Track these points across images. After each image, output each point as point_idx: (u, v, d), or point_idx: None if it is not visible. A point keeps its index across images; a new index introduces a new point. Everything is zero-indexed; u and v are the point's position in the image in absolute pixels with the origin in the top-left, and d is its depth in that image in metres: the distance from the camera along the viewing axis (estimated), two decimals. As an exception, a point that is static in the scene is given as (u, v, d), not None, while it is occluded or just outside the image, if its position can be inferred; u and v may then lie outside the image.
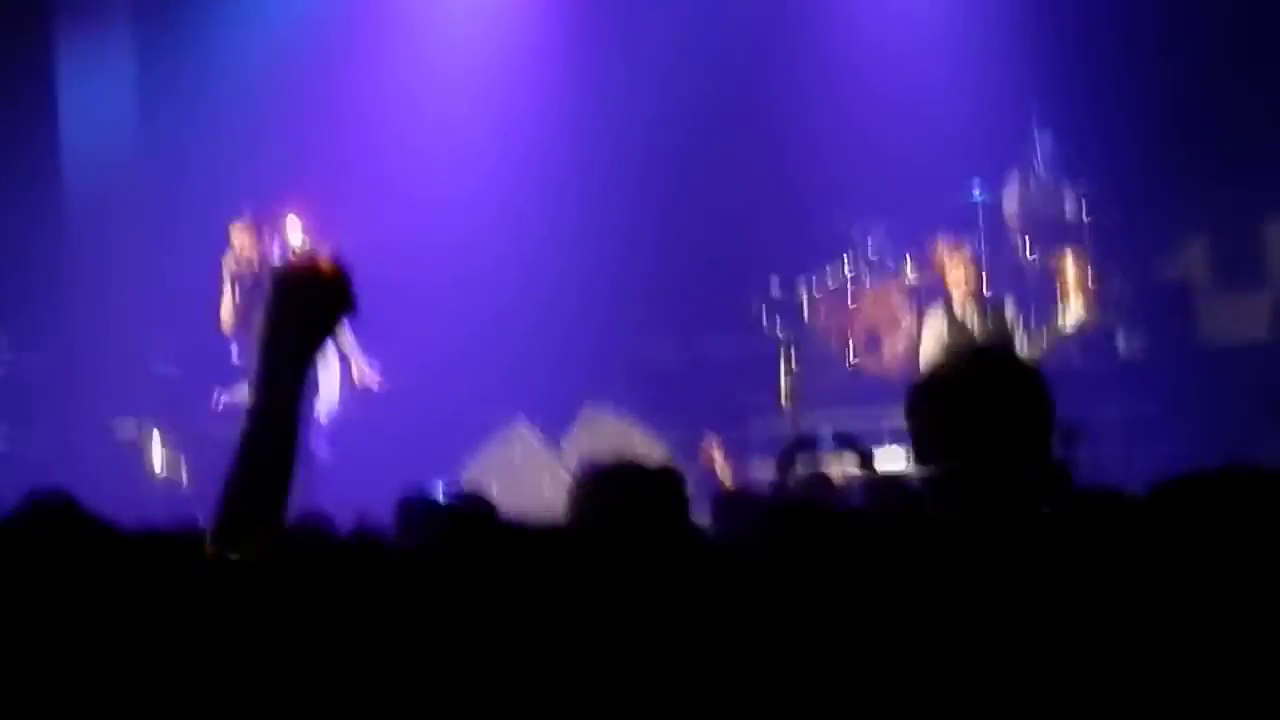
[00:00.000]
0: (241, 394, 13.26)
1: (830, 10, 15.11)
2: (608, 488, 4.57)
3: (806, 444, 7.93)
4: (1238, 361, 13.74)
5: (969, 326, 12.47)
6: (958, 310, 12.56)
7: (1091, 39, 14.08)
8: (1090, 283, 12.76)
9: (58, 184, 14.85)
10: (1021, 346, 12.15)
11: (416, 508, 5.77)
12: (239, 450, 3.46)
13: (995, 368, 3.76)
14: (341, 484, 11.20)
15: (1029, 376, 3.74)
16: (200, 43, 14.97)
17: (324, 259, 3.53)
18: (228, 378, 13.38)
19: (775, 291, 13.60)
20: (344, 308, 3.51)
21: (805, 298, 13.69)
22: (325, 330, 3.50)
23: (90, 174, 14.97)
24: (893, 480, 6.19)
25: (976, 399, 3.67)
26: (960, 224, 13.75)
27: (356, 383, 13.01)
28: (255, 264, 13.00)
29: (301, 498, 3.65)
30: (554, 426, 14.08)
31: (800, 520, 5.29)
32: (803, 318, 13.59)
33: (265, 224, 13.07)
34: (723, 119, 14.99)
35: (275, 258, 12.86)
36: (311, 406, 13.09)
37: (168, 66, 15.07)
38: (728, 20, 14.97)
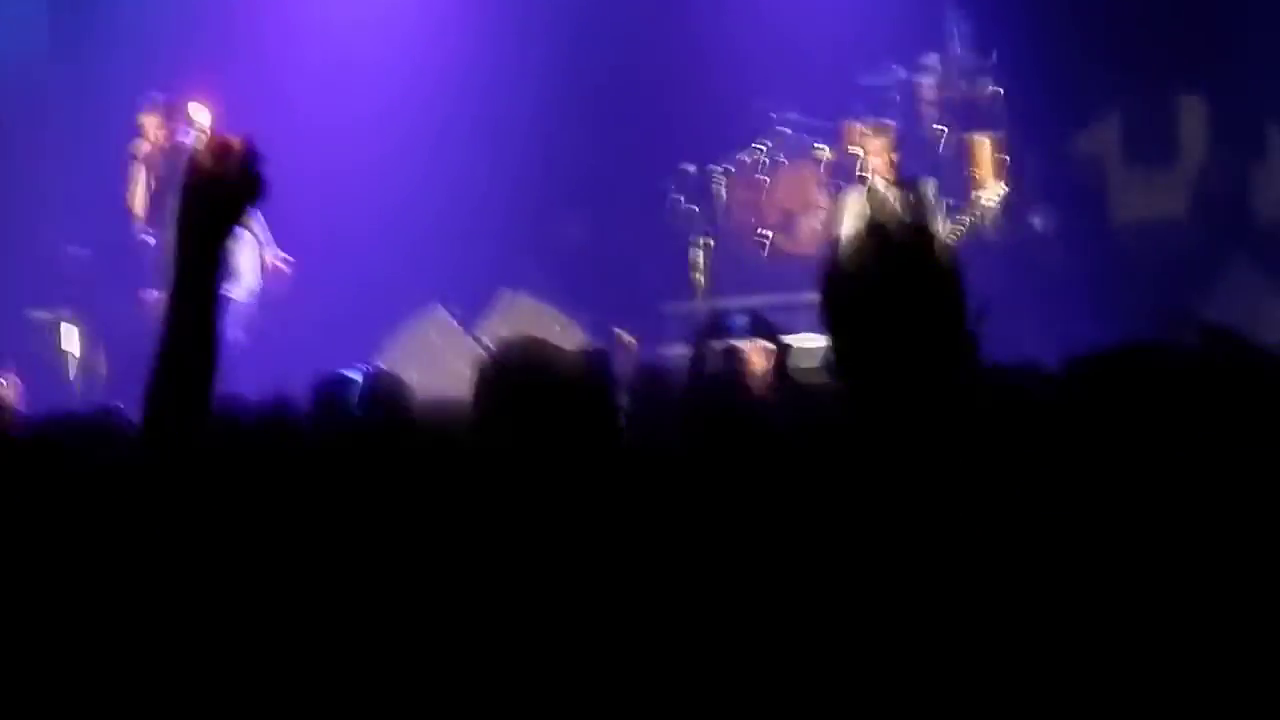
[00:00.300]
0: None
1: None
2: (520, 372, 4.57)
3: (720, 326, 7.95)
4: (1149, 238, 13.85)
5: (886, 206, 12.46)
6: (875, 190, 12.54)
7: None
8: (1005, 162, 12.83)
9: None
10: (940, 227, 12.17)
11: (333, 388, 5.79)
12: (160, 340, 3.44)
13: (908, 256, 3.74)
14: (259, 370, 11.16)
15: (942, 265, 3.73)
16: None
17: (234, 143, 3.48)
18: (144, 266, 13.33)
19: (689, 174, 13.60)
20: (254, 192, 3.50)
21: (720, 180, 13.71)
22: (235, 215, 3.48)
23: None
24: (802, 378, 6.21)
25: (889, 290, 3.65)
26: (876, 106, 13.79)
27: (266, 266, 13.00)
28: (166, 150, 12.96)
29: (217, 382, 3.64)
30: (471, 312, 14.09)
31: (712, 425, 5.32)
32: (718, 200, 13.61)
33: (175, 110, 13.03)
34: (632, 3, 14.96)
35: (186, 143, 12.82)
36: (227, 291, 13.04)
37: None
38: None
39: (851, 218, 12.45)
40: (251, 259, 13.09)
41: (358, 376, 6.13)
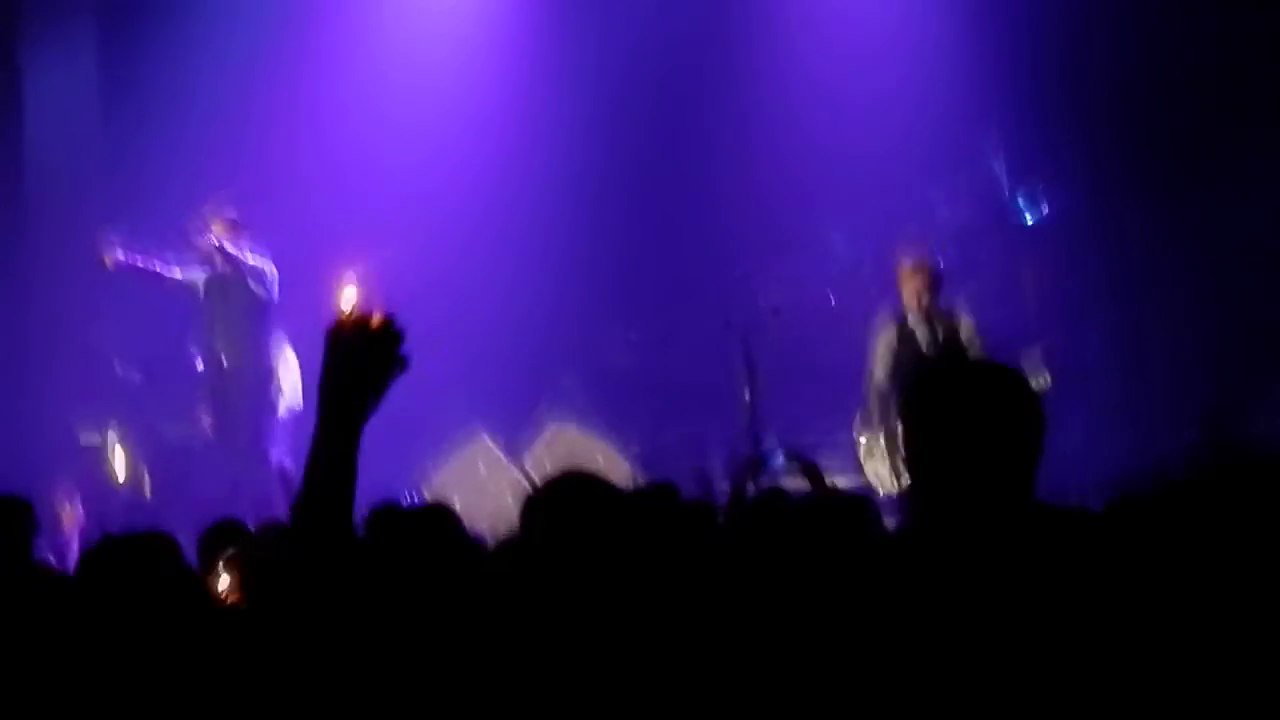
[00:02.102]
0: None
1: (793, 15, 15.18)
2: (564, 502, 4.65)
3: (759, 461, 8.03)
4: (1182, 368, 13.88)
5: (920, 338, 12.42)
6: (911, 321, 12.48)
7: (1048, 49, 14.27)
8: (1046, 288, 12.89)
9: (19, 185, 14.82)
10: (975, 355, 12.15)
11: (384, 515, 5.86)
12: (302, 495, 3.59)
13: (991, 379, 3.79)
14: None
15: (1025, 390, 3.78)
16: (164, 42, 14.90)
17: (377, 319, 3.60)
18: (191, 386, 13.45)
19: (737, 301, 13.66)
20: (396, 367, 3.62)
21: (767, 305, 13.74)
22: (378, 387, 3.61)
23: (52, 175, 14.93)
24: (841, 494, 6.27)
25: (973, 410, 3.72)
26: (920, 226, 13.92)
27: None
28: (221, 262, 13.13)
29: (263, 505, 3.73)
30: (517, 438, 14.15)
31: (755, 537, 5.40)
32: (763, 327, 13.65)
33: (238, 226, 13.16)
34: (683, 124, 15.10)
35: (244, 258, 13.00)
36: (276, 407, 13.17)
37: (131, 66, 14.99)
38: (691, 22, 15.05)
39: (884, 347, 12.44)
40: (292, 379, 13.21)
41: (407, 504, 6.21)
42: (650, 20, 15.04)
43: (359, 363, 3.57)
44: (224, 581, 6.16)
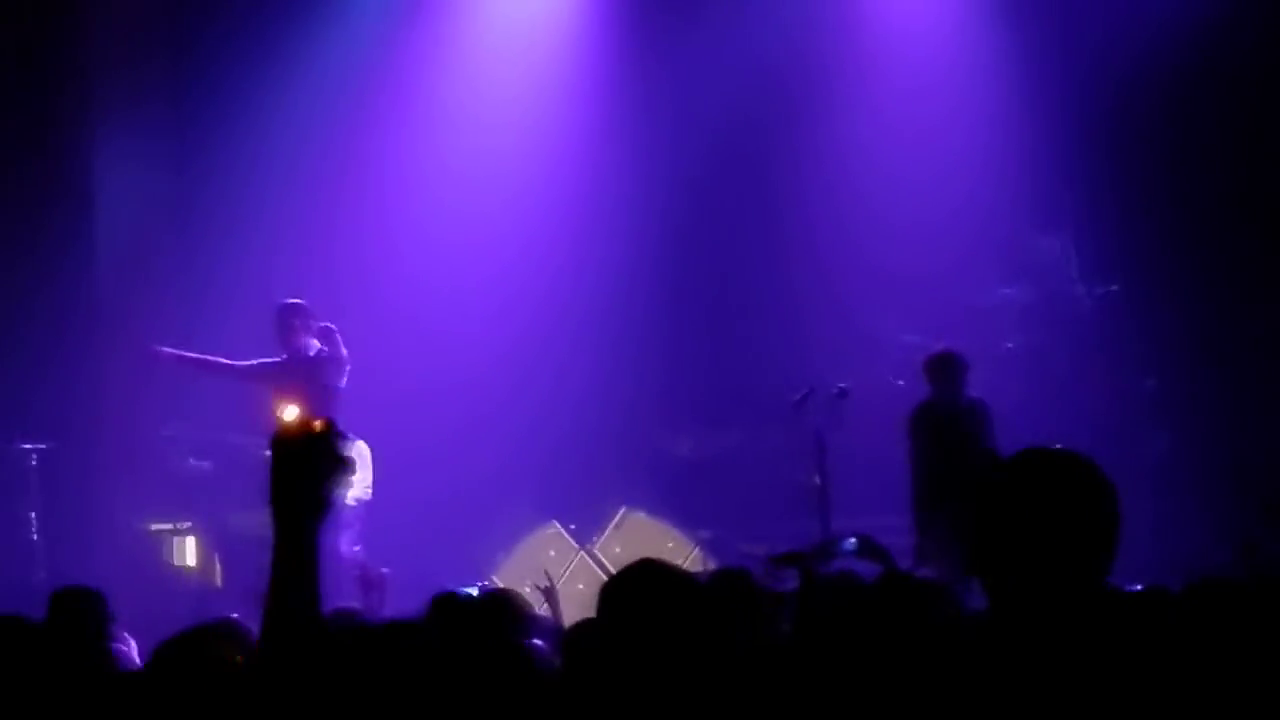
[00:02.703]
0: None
1: (860, 97, 15.25)
2: (636, 589, 4.65)
3: (830, 548, 8.00)
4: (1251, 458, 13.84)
5: (956, 428, 12.44)
6: (943, 411, 12.51)
7: (1112, 145, 14.33)
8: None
9: (92, 278, 14.89)
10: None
11: (448, 603, 5.87)
12: (267, 599, 3.71)
13: (1066, 468, 3.79)
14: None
15: (1098, 478, 3.78)
16: (237, 125, 15.01)
17: (317, 425, 3.76)
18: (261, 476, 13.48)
19: (804, 391, 13.66)
20: (341, 470, 3.76)
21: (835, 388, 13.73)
22: (325, 487, 3.73)
23: (123, 258, 14.99)
24: (914, 578, 6.25)
25: (1048, 497, 3.70)
26: (983, 319, 13.94)
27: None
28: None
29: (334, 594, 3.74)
30: (588, 527, 14.14)
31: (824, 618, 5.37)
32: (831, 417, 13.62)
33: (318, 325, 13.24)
34: (751, 208, 15.18)
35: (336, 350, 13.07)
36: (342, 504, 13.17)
37: (205, 151, 15.09)
38: (759, 103, 15.13)
39: (929, 437, 12.47)
40: (363, 469, 13.26)
41: (475, 592, 6.21)
42: (720, 104, 15.13)
43: (303, 466, 3.71)
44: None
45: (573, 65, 15.69)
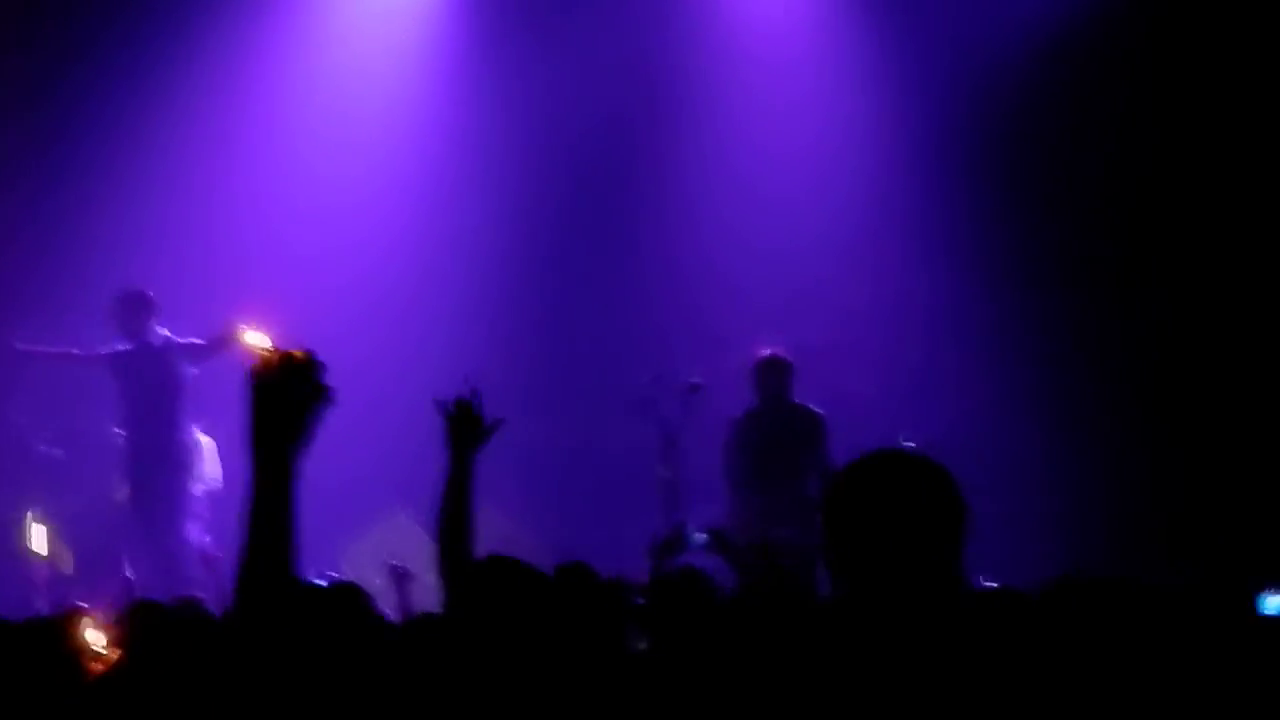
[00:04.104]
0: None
1: (722, 107, 15.34)
2: (488, 583, 4.71)
3: (679, 539, 8.05)
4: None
5: (769, 428, 12.63)
6: (759, 412, 12.76)
7: (964, 135, 14.54)
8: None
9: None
10: None
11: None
12: (243, 537, 3.65)
13: (906, 468, 3.84)
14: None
15: (944, 478, 3.85)
16: (91, 117, 14.88)
17: (298, 355, 3.66)
18: (111, 462, 13.43)
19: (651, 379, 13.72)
20: (322, 399, 3.64)
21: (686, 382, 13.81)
22: (307, 421, 3.63)
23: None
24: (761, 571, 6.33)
25: (895, 498, 3.75)
26: (842, 320, 14.07)
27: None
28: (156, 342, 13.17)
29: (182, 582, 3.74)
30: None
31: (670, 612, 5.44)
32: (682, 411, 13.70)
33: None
34: (608, 203, 15.26)
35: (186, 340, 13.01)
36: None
37: (64, 144, 14.98)
38: (624, 105, 15.18)
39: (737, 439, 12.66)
40: (211, 457, 13.24)
41: (322, 583, 6.22)
42: (583, 100, 15.15)
43: (285, 399, 3.60)
44: (93, 636, 6.07)
45: (430, 63, 15.67)
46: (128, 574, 12.50)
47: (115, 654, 5.78)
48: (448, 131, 15.44)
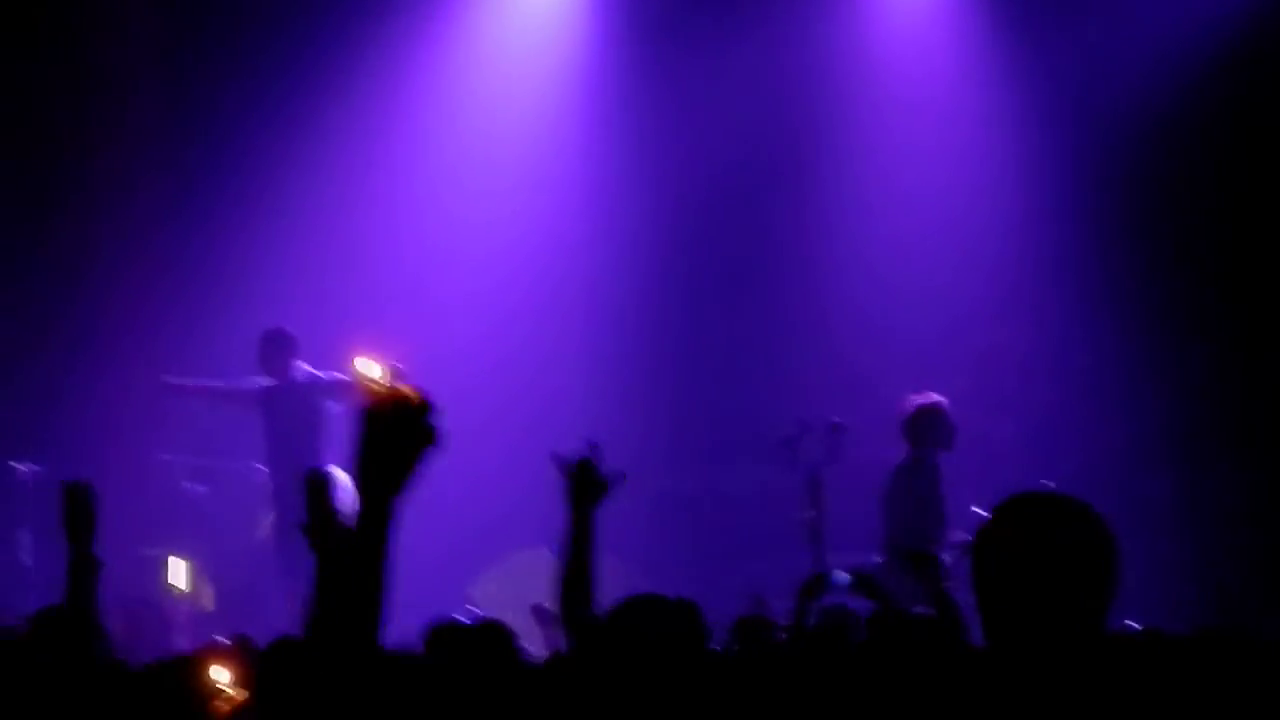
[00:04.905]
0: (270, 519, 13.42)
1: (865, 148, 15.31)
2: (620, 620, 4.70)
3: (823, 582, 8.00)
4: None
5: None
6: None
7: (1113, 187, 14.43)
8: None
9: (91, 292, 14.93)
10: None
11: (445, 632, 5.92)
12: (336, 575, 3.56)
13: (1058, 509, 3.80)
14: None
15: (1097, 521, 3.78)
16: (237, 139, 15.07)
17: (411, 394, 3.57)
18: (255, 498, 13.54)
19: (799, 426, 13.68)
20: (431, 440, 3.57)
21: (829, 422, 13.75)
22: (413, 463, 3.56)
23: (121, 280, 15.02)
24: (900, 614, 6.27)
25: (1047, 540, 3.70)
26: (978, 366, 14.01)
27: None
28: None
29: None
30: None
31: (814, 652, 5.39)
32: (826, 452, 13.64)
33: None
34: (749, 247, 15.27)
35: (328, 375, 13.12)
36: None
37: (209, 161, 15.19)
38: (767, 149, 15.19)
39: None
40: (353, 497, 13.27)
41: (467, 621, 6.23)
42: (725, 137, 15.17)
43: (395, 439, 3.55)
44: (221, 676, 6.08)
45: (568, 97, 15.71)
46: (271, 611, 12.57)
47: (243, 694, 5.78)
48: (585, 167, 15.46)
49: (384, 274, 14.97)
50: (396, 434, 3.55)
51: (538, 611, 9.74)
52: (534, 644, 8.30)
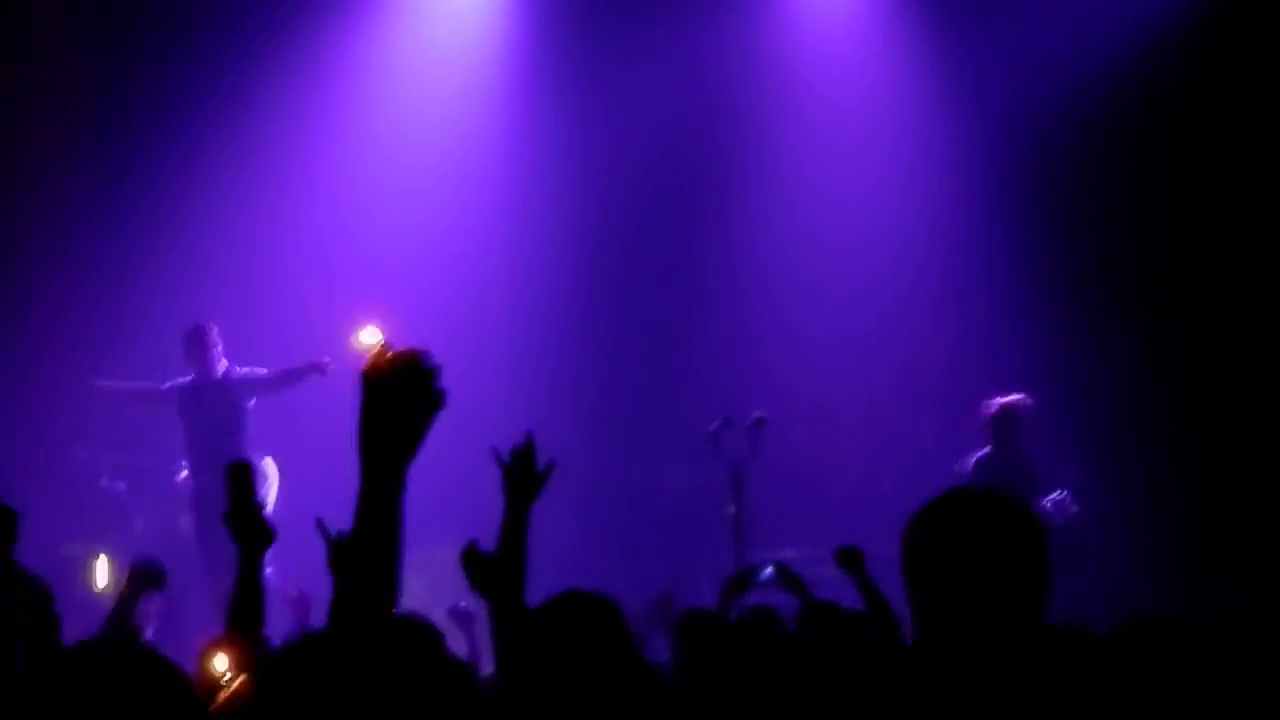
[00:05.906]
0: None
1: (787, 152, 15.32)
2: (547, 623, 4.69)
3: (748, 577, 8.01)
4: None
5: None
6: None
7: (1037, 183, 14.47)
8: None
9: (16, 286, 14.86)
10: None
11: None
12: (348, 547, 3.45)
13: (991, 508, 3.79)
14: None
15: (1025, 518, 3.79)
16: (170, 139, 15.01)
17: (415, 355, 3.46)
18: (174, 495, 13.46)
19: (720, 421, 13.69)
20: (438, 402, 3.46)
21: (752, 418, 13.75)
22: (419, 426, 3.45)
23: (43, 275, 14.97)
24: (829, 609, 6.28)
25: (973, 540, 3.71)
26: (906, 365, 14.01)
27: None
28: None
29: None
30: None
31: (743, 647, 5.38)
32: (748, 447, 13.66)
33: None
34: (671, 244, 15.26)
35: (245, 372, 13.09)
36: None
37: (138, 164, 15.10)
38: (690, 146, 15.18)
39: None
40: (272, 488, 13.25)
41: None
42: (645, 138, 15.16)
43: (398, 402, 3.43)
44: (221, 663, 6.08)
45: (492, 95, 15.68)
46: (193, 609, 12.51)
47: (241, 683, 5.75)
48: (508, 168, 15.45)
49: (309, 273, 14.91)
50: (407, 397, 3.43)
51: (458, 613, 9.72)
52: (456, 645, 8.27)
